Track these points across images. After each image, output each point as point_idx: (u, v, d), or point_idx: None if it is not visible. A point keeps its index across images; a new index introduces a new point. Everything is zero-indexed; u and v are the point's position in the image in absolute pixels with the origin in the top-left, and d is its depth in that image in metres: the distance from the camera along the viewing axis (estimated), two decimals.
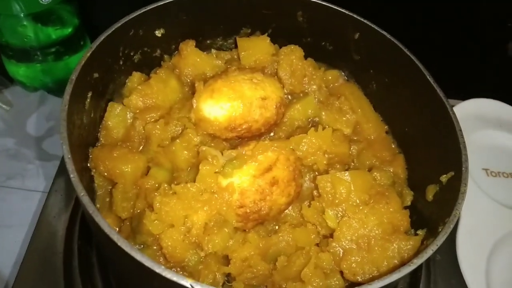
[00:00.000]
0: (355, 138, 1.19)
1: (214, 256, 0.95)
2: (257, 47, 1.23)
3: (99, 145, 1.09)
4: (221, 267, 0.94)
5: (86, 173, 1.00)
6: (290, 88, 1.21)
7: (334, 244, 0.97)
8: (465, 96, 1.58)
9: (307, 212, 1.01)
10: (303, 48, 1.23)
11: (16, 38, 1.40)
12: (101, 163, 1.02)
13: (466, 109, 1.53)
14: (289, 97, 1.22)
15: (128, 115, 1.12)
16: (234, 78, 1.09)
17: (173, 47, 1.25)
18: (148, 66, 1.24)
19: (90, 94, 1.05)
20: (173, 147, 1.03)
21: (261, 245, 0.98)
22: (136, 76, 1.18)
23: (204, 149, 1.01)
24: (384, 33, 1.15)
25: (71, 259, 1.16)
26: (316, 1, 1.20)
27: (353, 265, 0.95)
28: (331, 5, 1.19)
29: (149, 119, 1.11)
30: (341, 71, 1.30)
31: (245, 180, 0.97)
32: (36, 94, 1.63)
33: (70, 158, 0.85)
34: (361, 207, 0.99)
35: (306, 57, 1.24)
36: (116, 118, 1.11)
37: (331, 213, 0.99)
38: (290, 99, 1.21)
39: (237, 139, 1.09)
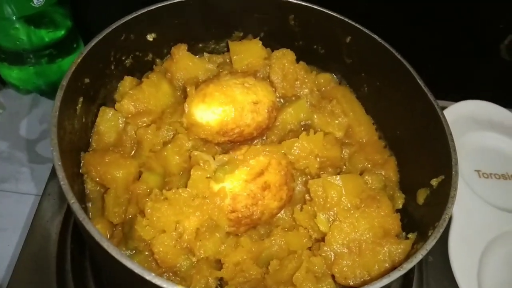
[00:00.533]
0: (347, 141, 1.20)
1: (206, 261, 0.96)
2: (249, 51, 1.24)
3: (90, 150, 1.09)
4: (214, 271, 0.95)
5: (78, 178, 1.00)
6: (282, 91, 1.21)
7: (325, 248, 0.97)
8: (458, 97, 1.59)
9: (299, 216, 1.01)
10: (295, 52, 1.24)
11: (8, 41, 1.40)
12: (93, 168, 1.02)
13: (459, 111, 1.54)
14: (281, 100, 1.22)
15: (120, 120, 1.12)
16: (226, 83, 1.09)
17: (165, 51, 1.25)
18: (140, 70, 1.24)
19: (81, 99, 1.05)
20: (165, 152, 1.04)
21: (253, 249, 0.98)
22: (128, 81, 1.18)
23: (196, 154, 1.01)
24: (375, 36, 1.16)
25: (64, 263, 1.17)
26: (308, 5, 1.20)
27: (344, 269, 0.95)
28: (322, 9, 1.20)
29: (141, 123, 1.11)
30: (333, 74, 1.30)
31: (237, 185, 0.97)
32: (29, 96, 1.64)
33: (61, 164, 0.85)
34: (352, 211, 0.99)
35: (298, 60, 1.25)
36: (108, 123, 1.11)
37: (322, 217, 0.99)
38: (282, 103, 1.22)
39: (229, 144, 1.09)
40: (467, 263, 1.24)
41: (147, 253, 0.94)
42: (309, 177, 1.07)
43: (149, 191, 0.99)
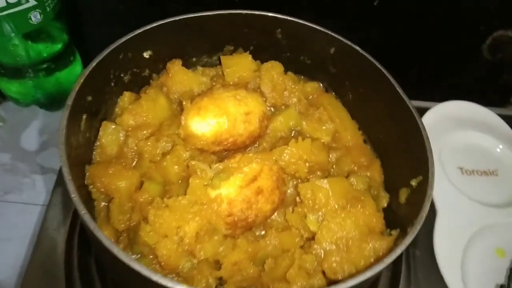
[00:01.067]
0: (334, 146, 1.25)
1: (206, 262, 1.01)
2: (239, 64, 1.30)
3: (94, 163, 1.15)
4: (213, 271, 1.00)
5: (83, 189, 1.06)
6: (272, 101, 1.27)
7: (316, 246, 1.03)
8: (442, 98, 1.64)
9: (290, 217, 1.07)
10: (283, 63, 1.30)
11: (8, 57, 1.44)
12: (97, 180, 1.08)
13: (443, 111, 1.59)
14: (271, 109, 1.28)
15: (121, 134, 1.17)
16: (219, 96, 1.15)
17: (160, 66, 1.30)
18: (138, 86, 1.29)
19: (85, 116, 1.11)
20: (164, 163, 1.09)
21: (249, 250, 1.04)
22: (127, 96, 1.24)
23: (193, 163, 1.07)
24: (357, 48, 1.22)
25: (71, 269, 1.22)
26: (293, 19, 1.26)
27: (333, 264, 1.01)
28: (307, 23, 1.26)
29: (140, 136, 1.16)
30: (319, 83, 1.36)
31: (232, 191, 1.03)
32: (28, 109, 1.66)
33: (71, 179, 0.91)
34: (339, 212, 1.05)
35: (286, 71, 1.30)
36: (110, 136, 1.17)
37: (312, 218, 1.05)
38: (273, 112, 1.27)
39: (224, 152, 1.15)
40: (451, 255, 1.29)
41: (151, 256, 0.99)
42: (299, 181, 1.13)
43: (151, 199, 1.04)
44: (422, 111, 1.56)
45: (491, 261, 1.32)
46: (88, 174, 1.10)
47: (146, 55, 1.26)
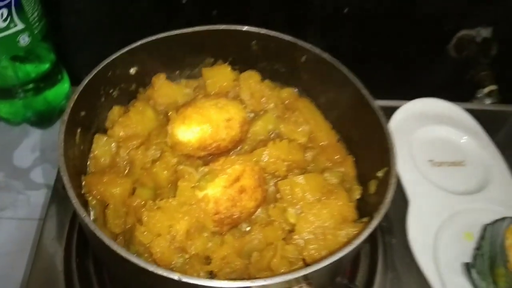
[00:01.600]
0: (310, 145, 1.33)
1: (197, 257, 1.09)
2: (220, 75, 1.38)
3: (90, 173, 1.23)
4: (204, 266, 1.08)
5: (80, 198, 1.11)
6: (251, 107, 1.36)
7: (296, 236, 1.12)
8: (413, 96, 1.72)
9: (272, 212, 1.16)
10: (259, 72, 1.38)
11: None
12: (93, 188, 1.16)
13: (412, 109, 1.68)
14: (251, 115, 1.36)
15: (113, 145, 1.25)
16: (201, 105, 1.23)
17: (146, 80, 1.38)
18: (126, 100, 1.37)
19: (79, 130, 1.20)
20: (154, 169, 1.18)
21: (236, 245, 1.12)
22: (116, 110, 1.32)
23: (181, 168, 1.15)
24: (325, 56, 1.30)
25: (71, 275, 1.29)
26: (266, 32, 1.34)
27: (312, 252, 1.10)
28: (279, 35, 1.34)
29: (131, 146, 1.24)
30: (294, 88, 1.44)
31: (217, 191, 1.11)
32: (19, 128, 1.71)
33: (71, 186, 1.00)
34: (315, 204, 1.14)
35: (262, 79, 1.39)
36: (102, 148, 1.25)
37: (291, 211, 1.14)
38: (253, 117, 1.36)
39: (208, 157, 1.23)
40: (423, 241, 1.38)
41: (146, 255, 1.07)
42: (279, 178, 1.21)
43: (143, 203, 1.12)
44: (393, 109, 1.66)
45: (460, 244, 1.40)
46: (84, 183, 1.18)
47: (133, 71, 1.34)
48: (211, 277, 1.10)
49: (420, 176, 1.52)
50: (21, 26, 1.39)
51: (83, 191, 1.18)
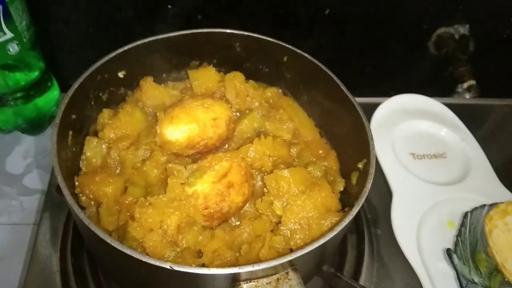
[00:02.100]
0: (295, 141, 1.38)
1: (189, 251, 1.12)
2: (205, 76, 1.42)
3: (82, 174, 1.26)
4: (196, 259, 1.11)
5: (74, 197, 1.12)
6: (237, 107, 1.39)
7: (282, 227, 1.16)
8: (395, 93, 1.77)
9: (260, 206, 1.20)
10: (243, 73, 1.42)
11: None
12: (86, 188, 1.19)
13: (393, 104, 1.74)
14: (237, 114, 1.40)
15: (103, 146, 1.28)
16: (188, 105, 1.27)
17: (134, 84, 1.41)
18: (115, 102, 1.40)
19: (71, 132, 1.23)
20: (145, 168, 1.21)
21: (227, 238, 1.15)
22: (106, 112, 1.35)
23: (170, 166, 1.18)
24: (305, 54, 1.35)
25: (67, 275, 1.33)
26: (249, 34, 1.38)
27: (298, 241, 1.14)
28: (261, 36, 1.38)
29: (121, 147, 1.27)
30: (277, 88, 1.48)
31: (206, 187, 1.15)
32: (10, 135, 1.72)
33: (65, 185, 1.03)
34: (299, 196, 1.18)
35: (247, 79, 1.43)
36: (94, 149, 1.28)
37: (278, 204, 1.18)
38: (238, 116, 1.40)
39: (197, 155, 1.26)
40: (407, 231, 1.43)
41: (140, 250, 1.09)
42: (265, 174, 1.25)
43: (135, 200, 1.16)
44: (375, 106, 1.71)
45: (443, 233, 1.45)
46: (77, 184, 1.21)
47: (121, 74, 1.37)
48: None
49: (403, 169, 1.58)
50: (10, 35, 1.41)
51: (76, 191, 1.21)
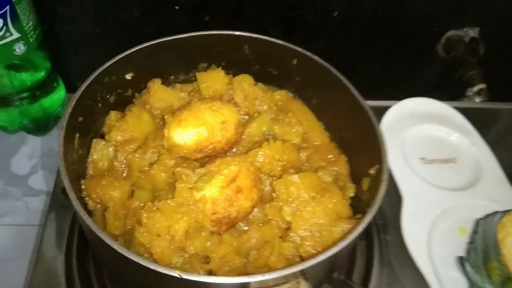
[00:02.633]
0: (304, 145, 1.36)
1: (197, 257, 1.11)
2: (213, 79, 1.40)
3: (88, 177, 1.25)
4: (203, 265, 1.10)
5: (80, 201, 1.11)
6: (245, 110, 1.38)
7: (292, 234, 1.14)
8: (404, 96, 1.75)
9: (269, 211, 1.18)
10: (252, 75, 1.40)
11: None
12: (92, 191, 1.18)
13: (403, 108, 1.71)
14: (245, 117, 1.38)
15: (110, 149, 1.27)
16: (196, 108, 1.25)
17: (142, 86, 1.40)
18: (122, 105, 1.39)
19: (77, 135, 1.22)
20: (152, 171, 1.20)
21: (235, 244, 1.14)
22: (113, 115, 1.34)
23: (178, 170, 1.17)
24: (316, 58, 1.33)
25: (72, 279, 1.31)
26: (258, 36, 1.37)
27: (308, 248, 1.13)
28: (270, 39, 1.37)
29: (128, 149, 1.26)
30: (287, 91, 1.46)
31: (215, 192, 1.13)
32: (16, 135, 1.72)
33: (72, 189, 1.02)
34: (309, 202, 1.16)
35: (256, 82, 1.41)
36: (100, 152, 1.27)
37: (287, 210, 1.16)
38: (247, 119, 1.38)
39: (205, 158, 1.25)
40: (418, 237, 1.41)
41: (146, 255, 1.08)
42: (274, 178, 1.24)
43: (142, 205, 1.15)
44: (385, 109, 1.69)
45: (454, 239, 1.43)
46: (83, 187, 1.20)
47: (128, 76, 1.36)
48: (210, 275, 1.11)
49: (412, 174, 1.55)
50: (16, 35, 1.40)
51: (82, 194, 1.20)
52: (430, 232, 1.43)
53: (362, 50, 1.89)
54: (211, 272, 1.12)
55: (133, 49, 1.31)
